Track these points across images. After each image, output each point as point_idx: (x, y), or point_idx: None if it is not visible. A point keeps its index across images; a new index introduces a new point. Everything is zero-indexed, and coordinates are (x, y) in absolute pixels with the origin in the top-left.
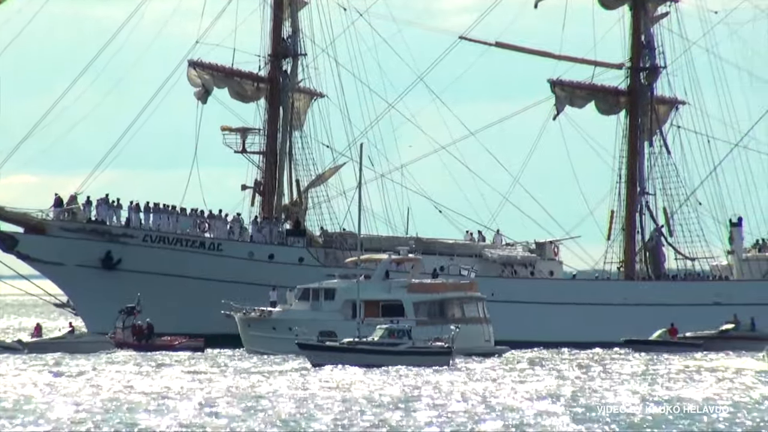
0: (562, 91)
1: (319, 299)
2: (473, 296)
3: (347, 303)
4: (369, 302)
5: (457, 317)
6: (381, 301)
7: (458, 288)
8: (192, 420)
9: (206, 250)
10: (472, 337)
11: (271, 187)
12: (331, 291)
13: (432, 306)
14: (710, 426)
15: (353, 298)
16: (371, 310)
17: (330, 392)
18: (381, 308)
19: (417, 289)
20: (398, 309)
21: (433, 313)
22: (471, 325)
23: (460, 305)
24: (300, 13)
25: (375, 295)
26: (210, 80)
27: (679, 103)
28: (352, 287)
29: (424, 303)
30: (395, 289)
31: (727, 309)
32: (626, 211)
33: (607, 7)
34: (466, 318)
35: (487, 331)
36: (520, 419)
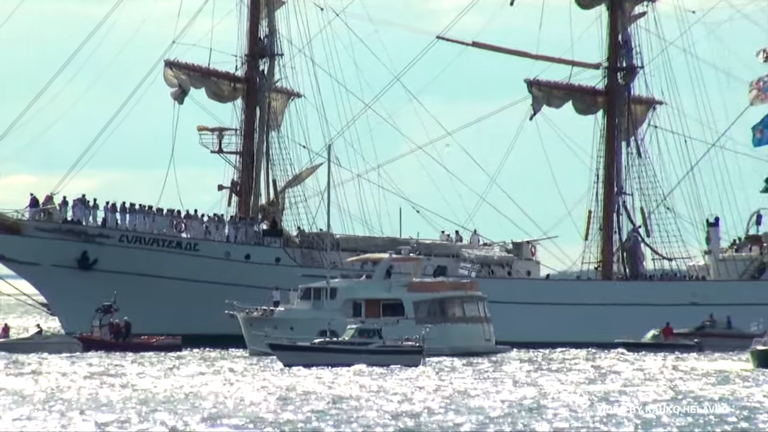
0: (539, 91)
1: (321, 298)
2: (474, 296)
3: (348, 302)
4: (370, 301)
5: (457, 316)
6: (382, 300)
7: (458, 287)
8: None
9: (183, 250)
10: (472, 337)
11: (248, 188)
12: (332, 290)
13: (432, 305)
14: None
15: (354, 297)
16: (372, 309)
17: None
18: (382, 307)
19: (417, 289)
20: (399, 308)
21: (434, 312)
22: (471, 325)
23: (460, 304)
24: (277, 13)
25: (376, 294)
26: (186, 80)
27: (656, 103)
28: (353, 286)
29: (424, 302)
30: (396, 289)
31: (704, 309)
32: (604, 211)
33: (584, 7)
34: (466, 317)
35: (487, 331)
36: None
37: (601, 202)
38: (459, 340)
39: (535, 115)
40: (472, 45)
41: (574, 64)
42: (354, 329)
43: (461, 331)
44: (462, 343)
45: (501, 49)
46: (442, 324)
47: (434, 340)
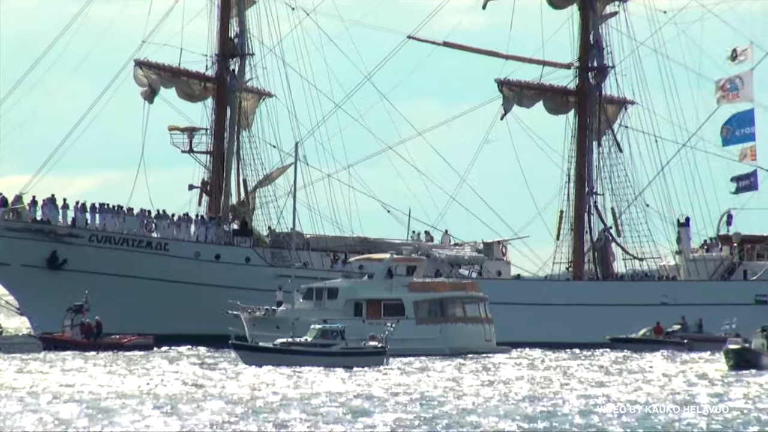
0: (509, 90)
1: (323, 298)
2: (474, 296)
3: (349, 302)
4: (371, 301)
5: (457, 317)
6: (383, 300)
7: (459, 287)
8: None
9: (153, 250)
10: (472, 337)
11: (218, 187)
12: (334, 290)
13: (432, 305)
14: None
15: (355, 297)
16: (373, 309)
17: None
18: (383, 307)
19: (418, 289)
20: (399, 308)
21: (434, 312)
22: (471, 325)
23: (461, 305)
24: (247, 13)
25: (377, 294)
26: (157, 80)
27: (628, 103)
28: (355, 286)
29: (424, 302)
30: (396, 288)
31: (675, 309)
32: (575, 212)
33: (556, 7)
34: (466, 317)
35: (488, 331)
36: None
37: (573, 202)
38: (459, 340)
39: (506, 115)
40: (443, 45)
41: (545, 63)
42: (317, 330)
43: (461, 332)
44: (462, 343)
45: (472, 49)
46: (442, 324)
47: (434, 340)
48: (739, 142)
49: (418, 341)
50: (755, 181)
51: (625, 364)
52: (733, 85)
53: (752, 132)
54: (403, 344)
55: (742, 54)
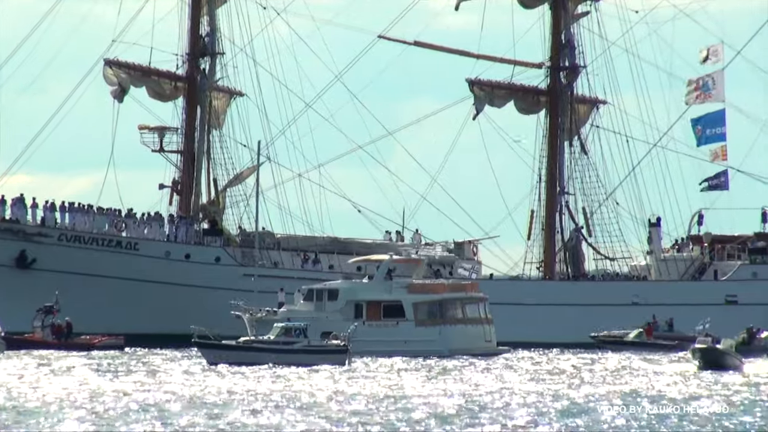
0: (480, 90)
1: (323, 299)
2: (474, 297)
3: (350, 303)
4: (371, 303)
5: (457, 318)
6: (382, 301)
7: (459, 288)
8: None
9: (122, 249)
10: (472, 338)
11: (189, 187)
12: (334, 291)
13: (432, 306)
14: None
15: (355, 298)
16: (373, 310)
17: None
18: (382, 309)
19: (417, 290)
20: (399, 309)
21: (433, 313)
22: (471, 326)
23: (460, 306)
24: (218, 12)
25: (376, 295)
26: (126, 79)
27: (600, 103)
28: (355, 288)
29: (423, 303)
30: (396, 290)
31: (646, 309)
32: (546, 211)
33: (527, 6)
34: (466, 318)
35: (488, 332)
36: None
37: (544, 202)
38: (458, 341)
39: (478, 115)
40: (413, 44)
41: (516, 63)
42: (280, 328)
43: (460, 333)
44: (461, 344)
45: (443, 48)
46: (441, 326)
47: (433, 342)
48: (710, 142)
49: (418, 343)
50: (726, 180)
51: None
52: (704, 85)
53: (723, 132)
54: (402, 346)
55: (713, 54)
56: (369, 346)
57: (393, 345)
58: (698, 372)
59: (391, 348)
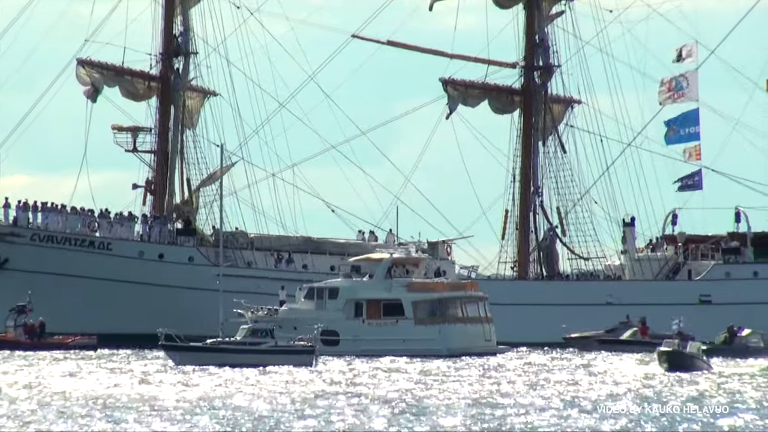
0: (454, 90)
1: (324, 298)
2: (474, 296)
3: (350, 302)
4: (371, 301)
5: (457, 317)
6: (382, 300)
7: (458, 287)
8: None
9: (96, 249)
10: (471, 337)
11: (162, 187)
12: (334, 290)
13: (432, 305)
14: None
15: (355, 297)
16: (373, 309)
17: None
18: (382, 307)
19: (417, 289)
20: (398, 308)
21: (433, 312)
22: (470, 325)
23: (460, 305)
24: (192, 12)
25: (376, 294)
26: (100, 79)
27: (574, 102)
28: (355, 286)
29: (423, 302)
30: (396, 289)
31: (620, 309)
32: (520, 211)
33: (502, 6)
34: (465, 318)
35: (488, 331)
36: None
37: (518, 201)
38: (457, 340)
39: (452, 115)
40: (387, 44)
41: (490, 63)
42: (247, 329)
43: (460, 332)
44: (460, 343)
45: (416, 48)
46: (441, 325)
47: (432, 341)
48: (683, 142)
49: (417, 342)
50: (699, 180)
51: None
52: (678, 84)
53: (697, 131)
54: (401, 345)
55: (687, 53)
56: (368, 344)
57: (392, 344)
58: (663, 374)
59: (391, 347)
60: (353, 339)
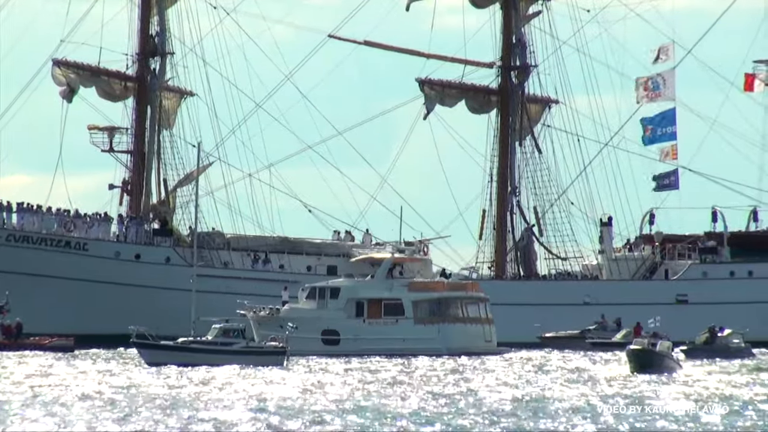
0: (431, 90)
1: (325, 298)
2: (474, 296)
3: (351, 301)
4: (372, 301)
5: (457, 317)
6: (383, 299)
7: (459, 288)
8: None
9: (72, 249)
10: (471, 337)
11: (139, 187)
12: (336, 289)
13: (432, 305)
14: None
15: (357, 296)
16: (374, 309)
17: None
18: (383, 307)
19: (417, 288)
20: (399, 308)
21: (433, 312)
22: (470, 325)
23: (460, 305)
24: (168, 12)
25: (377, 293)
26: (76, 79)
27: (551, 102)
28: (356, 286)
29: (423, 302)
30: (396, 288)
31: (597, 309)
32: (497, 211)
33: (479, 6)
34: (465, 318)
35: (488, 332)
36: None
37: (495, 201)
38: (457, 340)
39: (429, 115)
40: (363, 44)
41: (467, 63)
42: (218, 329)
43: (460, 332)
44: (460, 343)
45: (392, 47)
46: (440, 324)
47: (432, 340)
48: (660, 141)
49: (416, 341)
50: (676, 180)
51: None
52: (655, 84)
53: (674, 131)
54: (401, 344)
55: (664, 53)
56: (369, 344)
57: (392, 343)
58: (631, 375)
59: (391, 346)
60: (354, 338)
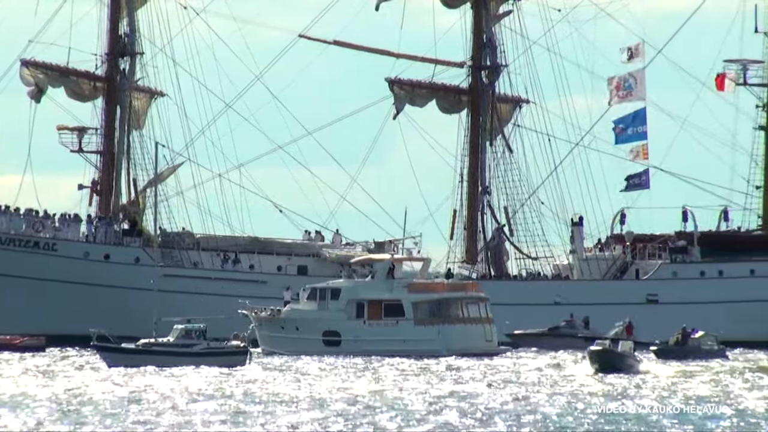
0: (401, 89)
1: (326, 299)
2: (474, 296)
3: (351, 302)
4: (372, 302)
5: (457, 317)
6: (383, 300)
7: (459, 288)
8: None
9: (40, 250)
10: (471, 338)
11: (109, 187)
12: (336, 290)
13: (432, 306)
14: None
15: (356, 297)
16: (374, 309)
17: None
18: (383, 308)
19: (417, 289)
20: (399, 309)
21: (433, 313)
22: (471, 326)
23: (461, 305)
24: (138, 12)
25: (378, 294)
26: (44, 79)
27: (522, 102)
28: (356, 287)
29: (423, 303)
30: (396, 289)
31: (568, 309)
32: (468, 211)
33: (449, 6)
34: (465, 318)
35: (489, 332)
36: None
37: (466, 201)
38: (457, 341)
39: (399, 115)
40: (333, 43)
41: (437, 62)
42: (180, 330)
43: (460, 332)
44: (460, 344)
45: (362, 47)
46: (440, 325)
47: (432, 341)
48: (631, 141)
49: (416, 342)
50: (647, 179)
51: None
52: (626, 83)
53: (644, 131)
54: (402, 345)
55: (635, 53)
56: (369, 345)
57: (392, 344)
58: (595, 374)
59: (391, 347)
60: (354, 339)
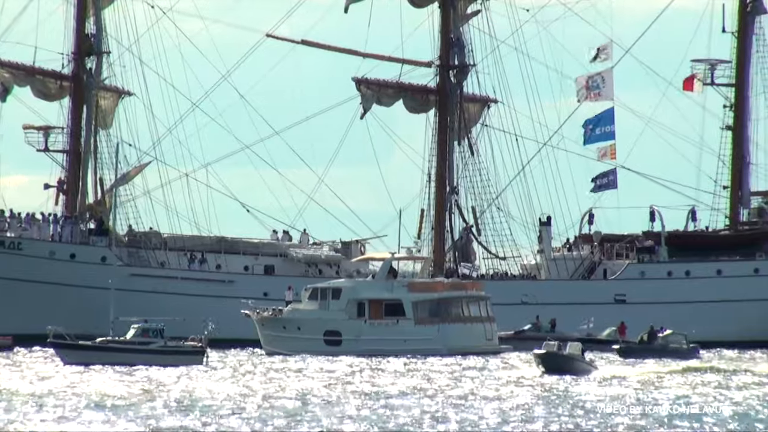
0: (368, 89)
1: (327, 298)
2: (475, 295)
3: (352, 302)
4: (373, 301)
5: (457, 316)
6: (384, 300)
7: (459, 287)
8: None
9: (6, 249)
10: (471, 337)
11: (75, 186)
12: (337, 290)
13: (432, 305)
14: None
15: (357, 297)
16: (375, 309)
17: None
18: (384, 307)
19: (417, 289)
20: (399, 308)
21: (433, 312)
22: (471, 325)
23: (461, 305)
24: (104, 11)
25: (378, 294)
26: (10, 78)
27: (491, 102)
28: (357, 287)
29: (423, 302)
30: (397, 289)
31: (535, 309)
32: (436, 210)
33: (417, 5)
34: (465, 317)
35: (489, 331)
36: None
37: (434, 201)
38: (457, 340)
39: (366, 114)
40: (301, 43)
41: (404, 62)
42: (137, 328)
43: (460, 331)
44: (460, 343)
45: (330, 47)
46: (440, 324)
47: (432, 340)
48: (599, 141)
49: (417, 341)
50: (614, 179)
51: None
52: (594, 83)
53: (612, 131)
54: (402, 345)
55: (602, 52)
56: (370, 344)
57: (393, 344)
58: (541, 377)
59: (391, 347)
60: (355, 339)
